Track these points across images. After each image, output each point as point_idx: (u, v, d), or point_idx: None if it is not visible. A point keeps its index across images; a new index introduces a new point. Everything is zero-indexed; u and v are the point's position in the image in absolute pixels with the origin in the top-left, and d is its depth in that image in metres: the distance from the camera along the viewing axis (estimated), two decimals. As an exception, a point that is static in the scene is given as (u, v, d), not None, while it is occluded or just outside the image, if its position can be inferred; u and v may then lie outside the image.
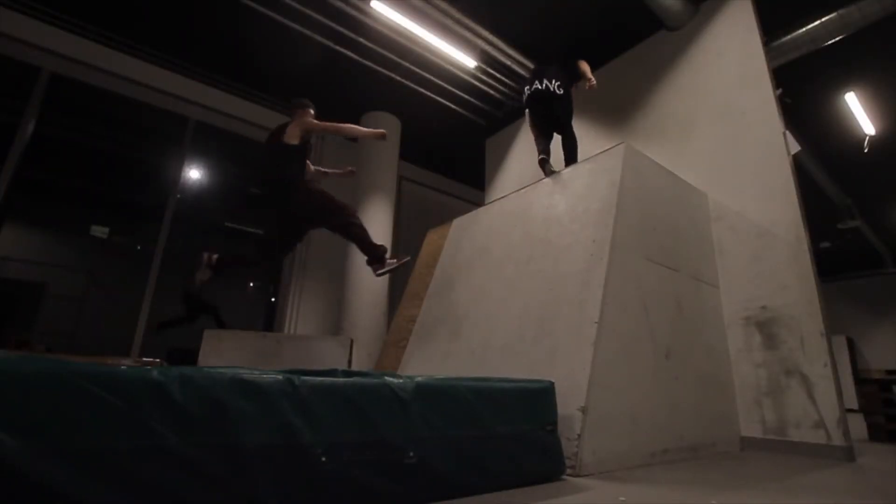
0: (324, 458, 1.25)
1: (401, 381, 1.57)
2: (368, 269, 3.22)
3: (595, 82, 3.75)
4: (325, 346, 4.34)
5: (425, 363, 3.43)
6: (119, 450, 1.03)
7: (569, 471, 1.92)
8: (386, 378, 1.56)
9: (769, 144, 3.31)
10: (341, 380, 1.44)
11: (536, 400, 1.89)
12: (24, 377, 0.99)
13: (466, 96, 5.84)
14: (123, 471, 1.02)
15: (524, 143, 5.96)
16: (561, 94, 3.78)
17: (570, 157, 3.76)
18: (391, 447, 1.40)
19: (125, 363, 3.13)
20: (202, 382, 1.19)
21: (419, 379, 1.63)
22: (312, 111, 3.31)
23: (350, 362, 4.35)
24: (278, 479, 1.19)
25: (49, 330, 7.31)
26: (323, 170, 3.69)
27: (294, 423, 1.26)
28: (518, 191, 3.65)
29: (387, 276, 6.07)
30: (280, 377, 1.33)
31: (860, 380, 4.28)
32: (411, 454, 1.41)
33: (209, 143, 6.50)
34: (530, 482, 1.77)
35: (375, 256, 3.13)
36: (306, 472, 1.23)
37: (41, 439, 0.96)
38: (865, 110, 5.26)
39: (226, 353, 4.06)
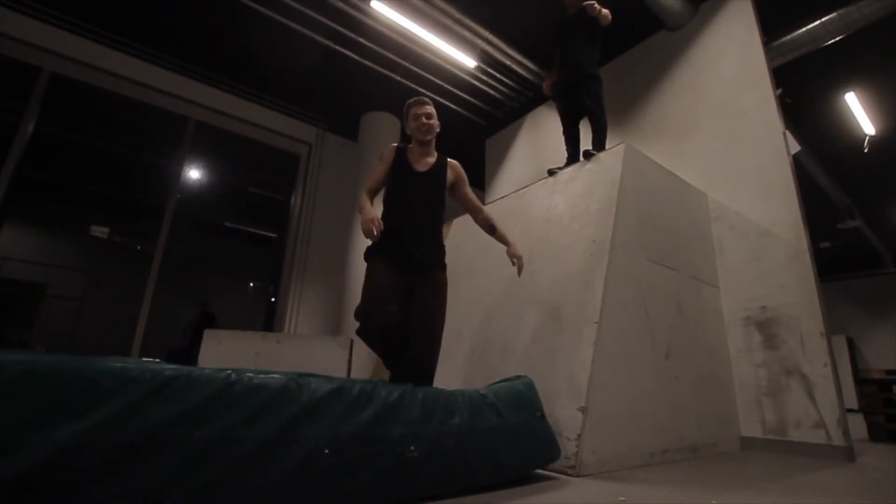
0: (327, 451, 1.27)
1: (397, 385, 1.64)
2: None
3: (606, 15, 3.19)
4: (325, 345, 4.33)
5: (425, 363, 3.42)
6: (121, 444, 1.05)
7: (569, 471, 1.92)
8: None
9: (769, 144, 3.31)
10: (342, 378, 1.48)
11: (522, 393, 1.97)
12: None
13: (466, 96, 5.84)
14: (125, 465, 1.04)
15: (524, 143, 5.96)
16: (590, 73, 3.34)
17: (596, 144, 3.25)
18: (392, 442, 1.42)
19: (125, 363, 3.12)
20: (207, 379, 1.22)
21: (420, 387, 1.70)
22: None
23: (350, 362, 4.35)
24: (282, 474, 1.20)
25: (49, 330, 7.31)
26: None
27: (297, 420, 1.29)
28: (518, 191, 3.65)
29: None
30: (282, 377, 1.37)
31: (860, 380, 4.28)
32: (412, 448, 1.44)
33: (209, 143, 6.50)
34: (529, 466, 1.83)
35: None
36: (310, 466, 1.25)
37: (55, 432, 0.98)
38: (865, 110, 5.26)
39: (226, 354, 4.06)
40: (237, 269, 10.80)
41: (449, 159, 2.44)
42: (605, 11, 3.24)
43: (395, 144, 2.42)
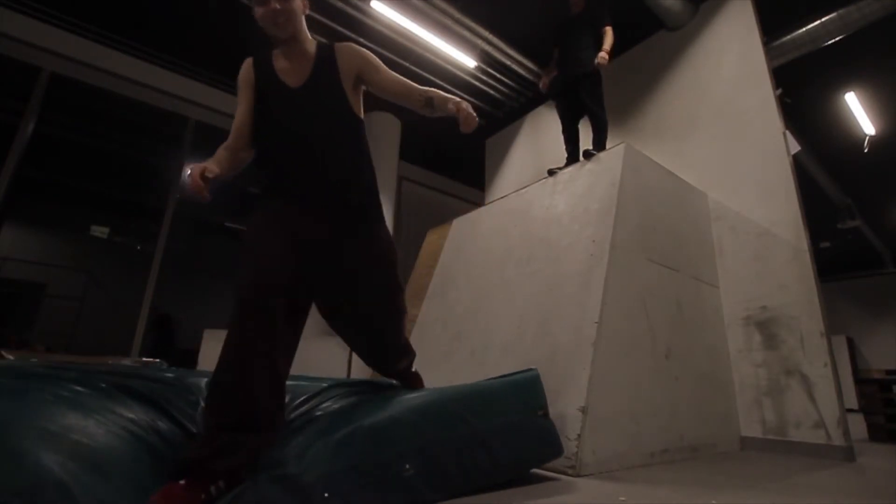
0: (326, 495, 1.20)
1: (386, 397, 1.63)
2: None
3: (606, 59, 3.36)
4: (325, 346, 4.33)
5: (425, 363, 3.42)
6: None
7: (569, 471, 1.92)
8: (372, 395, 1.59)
9: (769, 144, 3.31)
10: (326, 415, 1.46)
11: (524, 389, 1.90)
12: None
13: (466, 96, 5.84)
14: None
15: (524, 143, 5.96)
16: (589, 72, 3.37)
17: (596, 143, 3.33)
18: (386, 465, 1.38)
19: (126, 363, 3.12)
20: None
21: (408, 395, 1.69)
22: None
23: (350, 362, 4.35)
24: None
25: (49, 330, 7.31)
26: None
27: (290, 460, 1.25)
28: (518, 191, 3.65)
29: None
30: None
31: (860, 380, 4.28)
32: (407, 466, 1.40)
33: (209, 143, 6.49)
34: (529, 464, 1.80)
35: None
36: None
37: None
38: (865, 110, 5.27)
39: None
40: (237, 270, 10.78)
41: (337, 45, 1.62)
42: (606, 59, 3.36)
43: (251, 57, 1.66)
